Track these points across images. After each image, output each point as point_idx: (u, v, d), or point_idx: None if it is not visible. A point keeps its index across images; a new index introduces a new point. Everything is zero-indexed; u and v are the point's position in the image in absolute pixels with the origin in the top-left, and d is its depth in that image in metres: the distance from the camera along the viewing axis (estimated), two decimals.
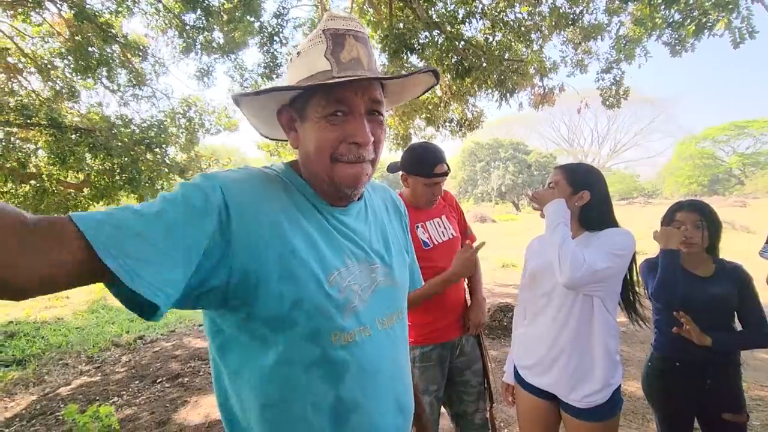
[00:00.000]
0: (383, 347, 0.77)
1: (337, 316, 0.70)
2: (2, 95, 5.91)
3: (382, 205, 0.92)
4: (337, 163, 0.71)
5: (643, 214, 26.02)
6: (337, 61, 0.68)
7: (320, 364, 0.69)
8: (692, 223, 1.62)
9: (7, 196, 5.78)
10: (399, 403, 0.79)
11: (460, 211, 1.94)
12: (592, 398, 1.36)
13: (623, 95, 6.00)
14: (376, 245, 0.82)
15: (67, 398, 3.49)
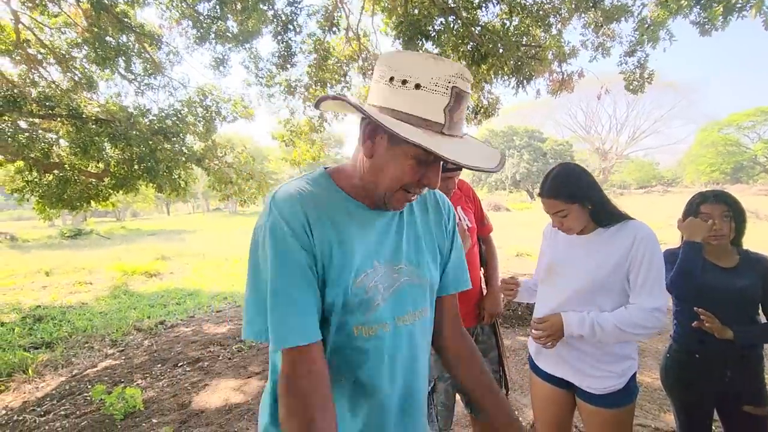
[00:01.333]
0: (400, 341, 0.85)
1: (360, 313, 0.80)
2: (24, 86, 6.04)
3: (421, 204, 0.96)
4: (401, 191, 0.79)
5: (662, 203, 25.42)
6: (451, 119, 0.72)
7: (343, 350, 0.81)
8: (720, 216, 1.58)
9: (31, 185, 5.94)
10: (409, 389, 0.89)
11: (477, 201, 1.92)
12: (609, 385, 1.36)
13: (648, 79, 5.81)
14: (405, 246, 0.88)
15: (94, 380, 3.63)
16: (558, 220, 1.43)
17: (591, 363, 1.38)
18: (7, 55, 6.28)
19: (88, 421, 2.90)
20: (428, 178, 0.78)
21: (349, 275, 0.78)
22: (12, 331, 4.94)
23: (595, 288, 1.35)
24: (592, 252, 1.40)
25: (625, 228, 1.38)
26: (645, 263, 1.30)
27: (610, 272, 1.34)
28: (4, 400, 3.36)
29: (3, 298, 6.81)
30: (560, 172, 1.42)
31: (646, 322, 1.28)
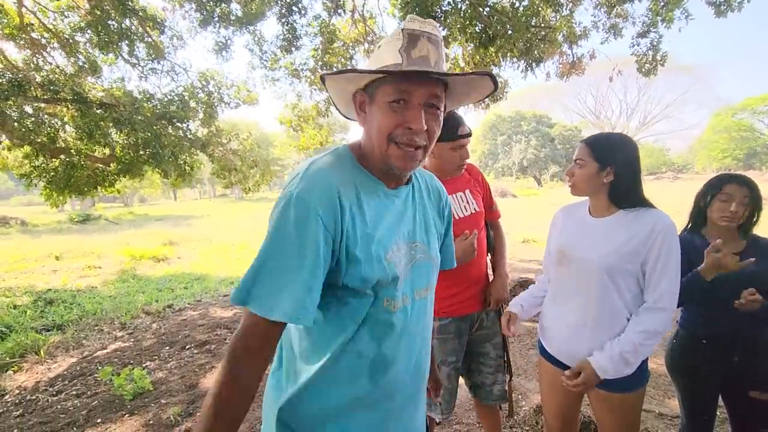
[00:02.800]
0: (419, 314, 0.92)
1: (391, 286, 0.84)
2: (29, 71, 6.02)
3: (425, 190, 1.02)
4: (392, 144, 0.82)
5: (671, 190, 25.08)
6: (408, 56, 0.78)
7: (373, 323, 0.84)
8: (741, 199, 1.53)
9: (39, 170, 5.98)
10: (418, 363, 0.94)
11: (486, 186, 1.89)
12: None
13: (660, 61, 5.65)
14: (418, 226, 0.94)
15: (104, 361, 3.70)
16: (572, 169, 1.43)
17: (591, 348, 1.37)
18: (11, 39, 6.26)
19: (99, 401, 2.96)
20: (408, 119, 0.80)
21: (381, 251, 0.82)
22: (24, 314, 5.04)
23: (614, 271, 1.32)
24: (609, 235, 1.36)
25: (645, 215, 1.33)
26: (662, 258, 1.27)
27: (627, 257, 1.30)
28: (18, 380, 3.44)
29: (15, 282, 6.93)
30: (614, 135, 1.42)
31: (662, 326, 1.27)
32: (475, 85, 0.87)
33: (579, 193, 1.45)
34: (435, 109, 0.83)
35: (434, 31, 0.81)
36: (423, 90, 0.80)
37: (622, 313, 1.34)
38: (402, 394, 0.92)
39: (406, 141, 0.81)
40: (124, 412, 2.81)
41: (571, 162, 1.47)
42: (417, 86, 0.79)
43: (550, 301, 1.56)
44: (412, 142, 0.81)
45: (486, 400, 1.82)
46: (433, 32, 0.80)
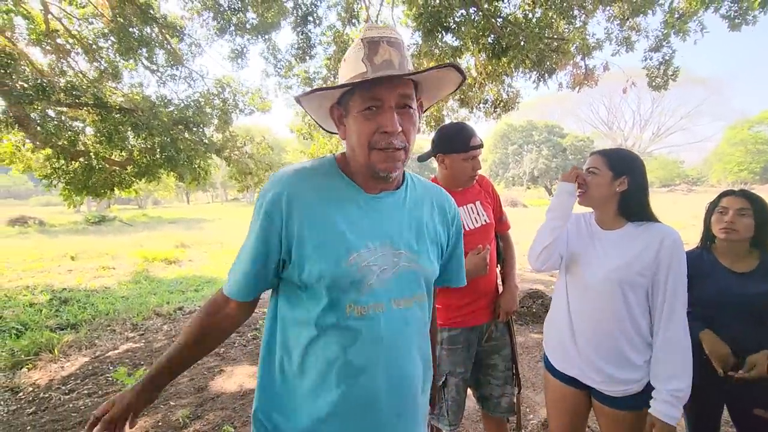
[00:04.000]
0: (395, 324, 0.88)
1: (353, 291, 0.84)
2: (53, 75, 6.22)
3: (428, 201, 1.01)
4: (373, 150, 0.84)
5: (685, 203, 24.65)
6: (372, 63, 0.80)
7: (335, 329, 0.84)
8: (736, 210, 1.52)
9: (59, 171, 6.14)
10: (404, 375, 0.91)
11: (496, 197, 1.90)
12: (628, 387, 1.34)
13: (672, 76, 5.61)
14: (407, 233, 0.92)
15: (116, 361, 3.77)
16: (584, 177, 1.44)
17: (610, 366, 1.36)
18: (37, 45, 6.47)
19: None
20: (381, 123, 0.82)
21: (338, 252, 0.83)
22: (40, 312, 5.15)
23: (624, 285, 1.32)
24: (619, 248, 1.37)
25: (653, 229, 1.35)
26: (672, 273, 1.29)
27: (638, 271, 1.31)
28: (32, 377, 3.51)
29: (32, 280, 7.09)
30: (624, 150, 1.46)
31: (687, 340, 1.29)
32: (444, 78, 0.89)
33: (588, 202, 1.46)
34: (408, 108, 0.84)
35: (393, 35, 0.83)
36: (392, 93, 0.82)
37: (629, 327, 1.34)
38: (385, 407, 0.88)
39: (384, 146, 0.83)
40: None
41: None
42: (385, 90, 0.81)
43: (557, 313, 1.56)
44: (389, 146, 0.83)
45: (494, 412, 1.81)
46: (393, 35, 0.83)
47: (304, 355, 0.87)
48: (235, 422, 2.70)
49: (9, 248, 11.02)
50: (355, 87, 0.82)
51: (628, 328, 1.34)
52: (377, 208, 0.90)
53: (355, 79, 0.81)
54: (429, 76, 0.86)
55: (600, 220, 1.47)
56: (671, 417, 1.25)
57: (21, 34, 6.38)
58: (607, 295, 1.35)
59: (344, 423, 0.86)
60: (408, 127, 0.85)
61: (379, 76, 0.78)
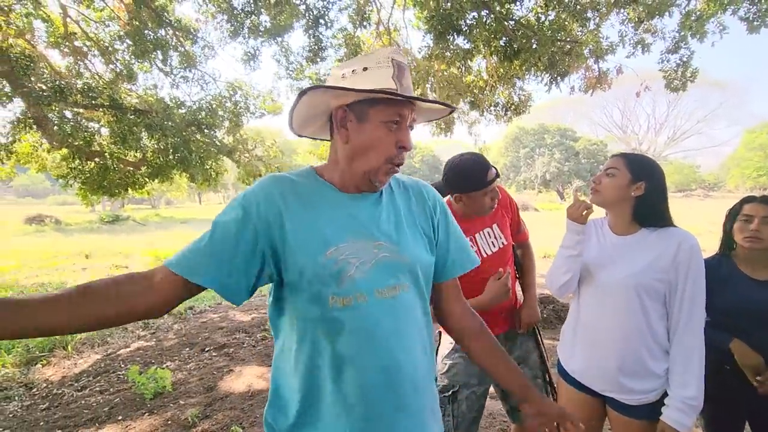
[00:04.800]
0: (381, 314, 0.89)
1: (333, 283, 0.86)
2: (70, 77, 6.35)
3: (405, 194, 1.05)
4: (388, 164, 0.91)
5: (702, 208, 24.18)
6: (400, 84, 0.89)
7: (320, 322, 0.87)
8: (761, 218, 1.48)
9: (75, 171, 6.26)
10: (398, 366, 0.89)
11: (514, 208, 1.84)
12: (644, 396, 1.31)
13: (690, 78, 5.50)
14: (385, 226, 0.95)
15: (127, 359, 3.81)
16: (600, 178, 1.41)
17: (626, 374, 1.33)
18: (56, 47, 6.62)
19: (121, 398, 3.05)
20: (401, 139, 0.91)
21: (316, 248, 0.86)
22: None
23: (641, 291, 1.30)
24: (635, 254, 1.35)
25: (669, 233, 1.32)
26: (690, 278, 1.27)
27: (655, 276, 1.29)
28: (46, 373, 3.58)
29: (48, 278, 7.24)
30: (646, 156, 1.44)
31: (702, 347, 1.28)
32: (435, 110, 1.00)
33: (600, 201, 1.43)
34: (411, 130, 0.95)
35: (406, 63, 0.93)
36: (411, 114, 0.93)
37: (646, 333, 1.31)
38: (381, 401, 0.88)
39: (398, 161, 0.92)
40: (144, 410, 2.89)
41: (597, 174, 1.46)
42: (407, 111, 0.91)
43: (572, 320, 1.53)
44: (401, 162, 0.93)
45: (524, 422, 1.71)
46: (407, 66, 0.93)
47: (297, 352, 0.89)
48: (244, 423, 2.71)
49: (26, 246, 11.27)
50: (382, 98, 0.88)
51: (645, 335, 1.31)
52: (355, 206, 0.94)
53: (391, 90, 0.87)
54: (426, 106, 0.96)
55: (614, 224, 1.45)
56: (683, 425, 1.23)
57: (40, 37, 6.54)
58: (624, 301, 1.32)
59: (342, 419, 0.86)
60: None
61: (413, 97, 0.89)
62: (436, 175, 59.93)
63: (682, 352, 1.27)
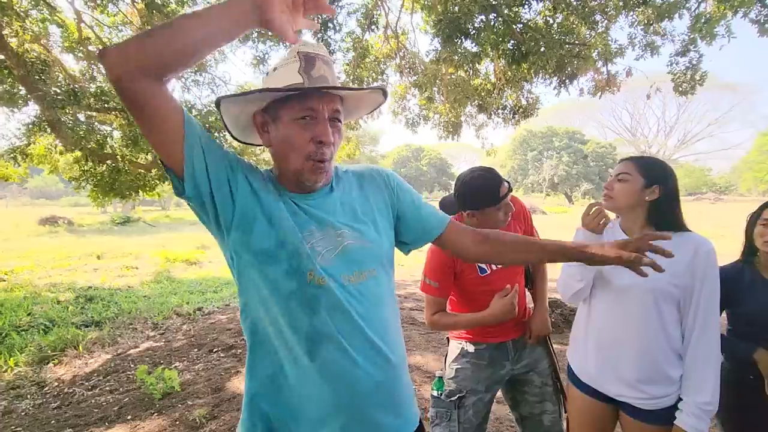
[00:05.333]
0: (352, 298, 0.91)
1: (308, 261, 0.88)
2: (84, 81, 6.47)
3: (356, 182, 1.05)
4: (309, 161, 0.89)
5: (713, 212, 23.82)
6: (309, 76, 0.86)
7: (297, 295, 0.87)
8: None
9: (87, 174, 6.37)
10: (373, 345, 0.91)
11: (528, 217, 1.82)
12: (660, 400, 1.30)
13: (699, 81, 5.44)
14: (341, 216, 0.96)
15: (136, 359, 3.86)
16: (612, 184, 1.39)
17: (641, 379, 1.32)
18: (70, 52, 6.75)
19: (130, 398, 3.09)
20: (317, 133, 0.88)
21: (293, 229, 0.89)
22: (66, 309, 5.34)
23: (658, 296, 1.29)
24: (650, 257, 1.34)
25: (685, 238, 1.31)
26: (706, 284, 1.26)
27: (670, 280, 1.28)
28: (57, 372, 3.64)
29: (60, 278, 7.35)
30: (658, 159, 1.43)
31: (718, 356, 1.27)
32: (365, 99, 0.98)
33: (614, 207, 1.41)
34: (337, 122, 0.92)
35: (327, 54, 0.91)
36: (327, 106, 0.89)
37: (662, 338, 1.30)
38: (362, 377, 0.89)
39: (319, 158, 0.89)
40: (152, 410, 2.92)
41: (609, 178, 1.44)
42: (321, 103, 0.88)
43: (583, 325, 1.51)
44: (323, 158, 0.89)
45: (536, 431, 1.70)
46: (326, 55, 0.91)
47: (275, 326, 0.89)
48: None
49: (40, 247, 11.46)
50: (290, 96, 0.87)
51: (661, 340, 1.30)
52: (307, 203, 0.95)
53: (294, 86, 0.86)
54: (354, 95, 0.95)
55: (627, 228, 1.42)
56: (699, 430, 1.23)
57: (55, 42, 6.68)
58: (640, 306, 1.31)
59: (324, 396, 0.88)
60: (337, 139, 0.92)
61: (320, 87, 0.86)
62: (444, 177, 59.75)
63: (697, 357, 1.26)
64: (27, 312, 5.13)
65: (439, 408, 1.68)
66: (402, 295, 6.28)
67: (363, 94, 0.95)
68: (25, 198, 61.75)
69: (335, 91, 0.90)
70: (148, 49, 0.71)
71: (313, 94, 0.87)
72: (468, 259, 1.08)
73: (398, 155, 58.53)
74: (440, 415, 1.66)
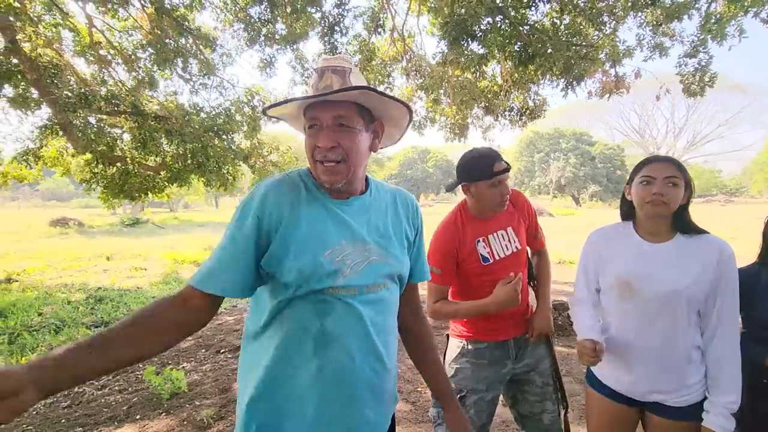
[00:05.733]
0: (366, 305, 0.98)
1: (327, 280, 0.93)
2: (95, 85, 6.57)
3: (391, 202, 1.13)
4: (316, 162, 0.97)
5: (723, 214, 23.48)
6: (315, 89, 0.96)
7: (311, 297, 0.93)
8: None
9: (98, 176, 6.46)
10: (376, 352, 1.00)
11: (532, 213, 1.80)
12: (688, 397, 1.31)
13: (708, 82, 5.39)
14: (374, 232, 1.03)
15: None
16: (662, 187, 1.29)
17: (668, 379, 1.32)
18: (81, 56, 6.87)
19: (139, 398, 3.12)
20: (318, 139, 0.95)
21: (315, 249, 0.93)
22: (77, 310, 5.40)
23: (691, 300, 1.28)
24: (677, 260, 1.31)
25: (706, 241, 1.31)
26: (729, 287, 1.27)
27: (699, 283, 1.27)
28: None
29: (71, 279, 7.45)
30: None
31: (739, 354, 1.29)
32: (394, 107, 1.02)
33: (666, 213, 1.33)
34: (345, 127, 0.96)
35: (339, 63, 0.98)
36: (328, 114, 0.95)
37: (685, 341, 1.30)
38: (358, 379, 0.97)
39: (321, 158, 0.95)
40: (161, 410, 2.95)
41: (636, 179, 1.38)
42: (322, 112, 0.95)
43: (607, 330, 1.47)
44: (325, 159, 0.95)
45: (536, 430, 1.70)
46: (338, 64, 0.97)
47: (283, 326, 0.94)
48: None
49: (50, 248, 11.63)
50: (306, 108, 0.98)
51: (687, 342, 1.30)
52: (345, 212, 1.01)
53: (298, 99, 0.95)
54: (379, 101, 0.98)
55: (650, 232, 1.39)
56: (727, 429, 1.24)
57: (67, 46, 6.80)
58: (669, 309, 1.30)
59: (322, 395, 0.93)
60: (346, 143, 0.96)
61: (309, 97, 0.94)
62: (450, 179, 59.59)
63: (722, 356, 1.27)
64: (38, 312, 5.21)
65: (440, 408, 1.64)
66: None
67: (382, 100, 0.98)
68: (36, 200, 62.71)
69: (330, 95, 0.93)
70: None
71: (315, 104, 0.95)
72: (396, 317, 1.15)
73: (405, 157, 58.55)
74: (442, 415, 1.63)
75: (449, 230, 1.67)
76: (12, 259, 9.52)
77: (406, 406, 2.95)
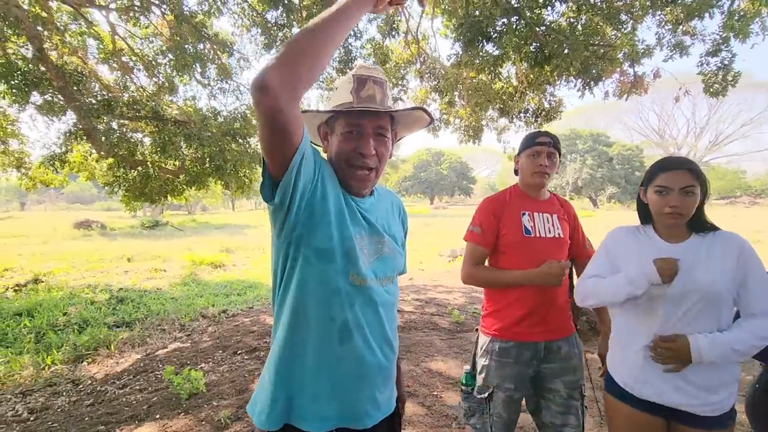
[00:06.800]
0: (380, 296, 1.06)
1: (359, 261, 0.99)
2: (117, 91, 6.76)
3: (388, 204, 1.22)
4: (349, 167, 1.02)
5: (747, 216, 22.74)
6: (357, 96, 1.01)
7: (341, 292, 0.98)
8: None
9: (120, 179, 6.64)
10: (386, 338, 1.09)
11: (578, 223, 1.85)
12: (720, 405, 1.28)
13: (731, 82, 5.22)
14: (386, 226, 1.12)
15: (164, 360, 3.98)
16: (679, 198, 1.30)
17: (701, 383, 1.28)
18: (105, 63, 7.08)
19: (159, 397, 3.19)
20: (359, 146, 1.01)
21: (350, 229, 0.99)
22: (99, 310, 5.55)
23: (721, 296, 1.26)
24: (697, 260, 1.30)
25: (723, 237, 1.31)
26: (758, 273, 1.27)
27: (724, 280, 1.25)
28: (90, 371, 3.79)
29: (93, 280, 7.66)
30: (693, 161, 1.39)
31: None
32: (415, 117, 1.10)
33: (683, 221, 1.35)
34: (383, 137, 1.04)
35: (379, 75, 1.04)
36: (371, 122, 1.01)
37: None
38: (373, 363, 1.03)
39: (359, 164, 1.01)
40: (179, 410, 3.00)
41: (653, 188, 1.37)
42: (366, 120, 1.00)
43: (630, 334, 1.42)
44: (364, 165, 1.02)
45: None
46: (378, 76, 1.04)
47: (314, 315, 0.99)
48: None
49: (74, 250, 11.97)
50: (341, 112, 1.01)
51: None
52: (362, 207, 1.07)
53: (342, 107, 1.00)
54: (404, 114, 1.07)
55: (668, 233, 1.39)
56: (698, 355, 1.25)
57: (92, 54, 7.02)
58: (700, 309, 1.28)
59: (342, 377, 1.00)
60: (381, 151, 1.04)
61: (363, 108, 0.99)
62: (464, 181, 59.05)
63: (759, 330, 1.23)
64: (63, 312, 5.37)
65: (471, 402, 1.77)
66: (423, 300, 6.25)
67: (409, 113, 1.07)
68: (62, 203, 64.73)
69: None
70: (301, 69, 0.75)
71: (358, 112, 1.00)
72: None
73: (419, 159, 58.46)
74: (473, 409, 1.76)
75: (498, 197, 1.82)
76: (39, 260, 9.83)
77: (422, 410, 2.94)
